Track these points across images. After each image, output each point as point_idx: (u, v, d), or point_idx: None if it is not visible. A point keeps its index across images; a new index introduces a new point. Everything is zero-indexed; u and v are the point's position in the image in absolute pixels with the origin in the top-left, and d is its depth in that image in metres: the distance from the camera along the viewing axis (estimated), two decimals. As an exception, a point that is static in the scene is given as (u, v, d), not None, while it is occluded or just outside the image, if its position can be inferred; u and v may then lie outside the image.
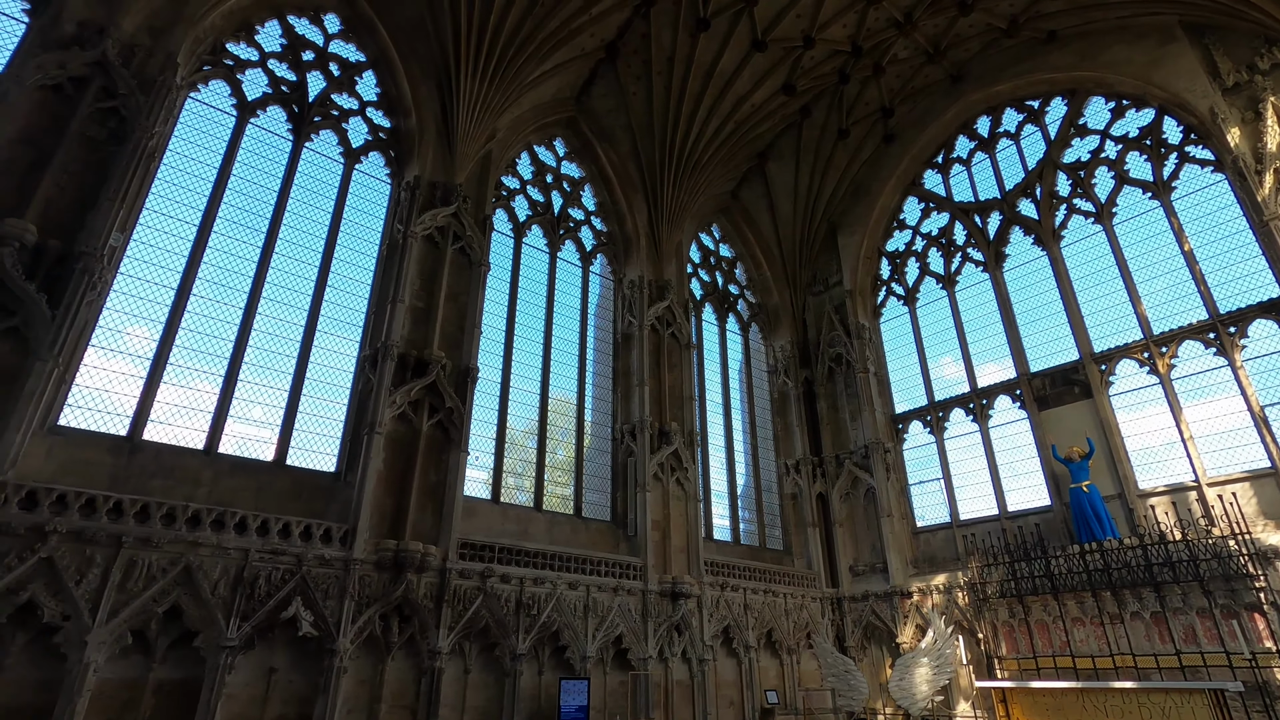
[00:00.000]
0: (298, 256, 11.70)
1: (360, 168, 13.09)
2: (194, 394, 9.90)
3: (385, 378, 10.81)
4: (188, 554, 8.38)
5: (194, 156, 11.06)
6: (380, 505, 10.21)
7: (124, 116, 9.67)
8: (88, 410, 8.96)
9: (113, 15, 10.00)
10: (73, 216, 8.86)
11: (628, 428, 14.45)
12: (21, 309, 8.10)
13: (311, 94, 12.79)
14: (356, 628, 9.24)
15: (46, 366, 8.04)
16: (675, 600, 12.93)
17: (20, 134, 8.84)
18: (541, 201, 15.98)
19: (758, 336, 19.83)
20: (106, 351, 9.33)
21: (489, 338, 13.13)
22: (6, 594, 7.25)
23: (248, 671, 8.51)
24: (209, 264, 10.64)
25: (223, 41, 11.82)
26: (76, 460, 8.47)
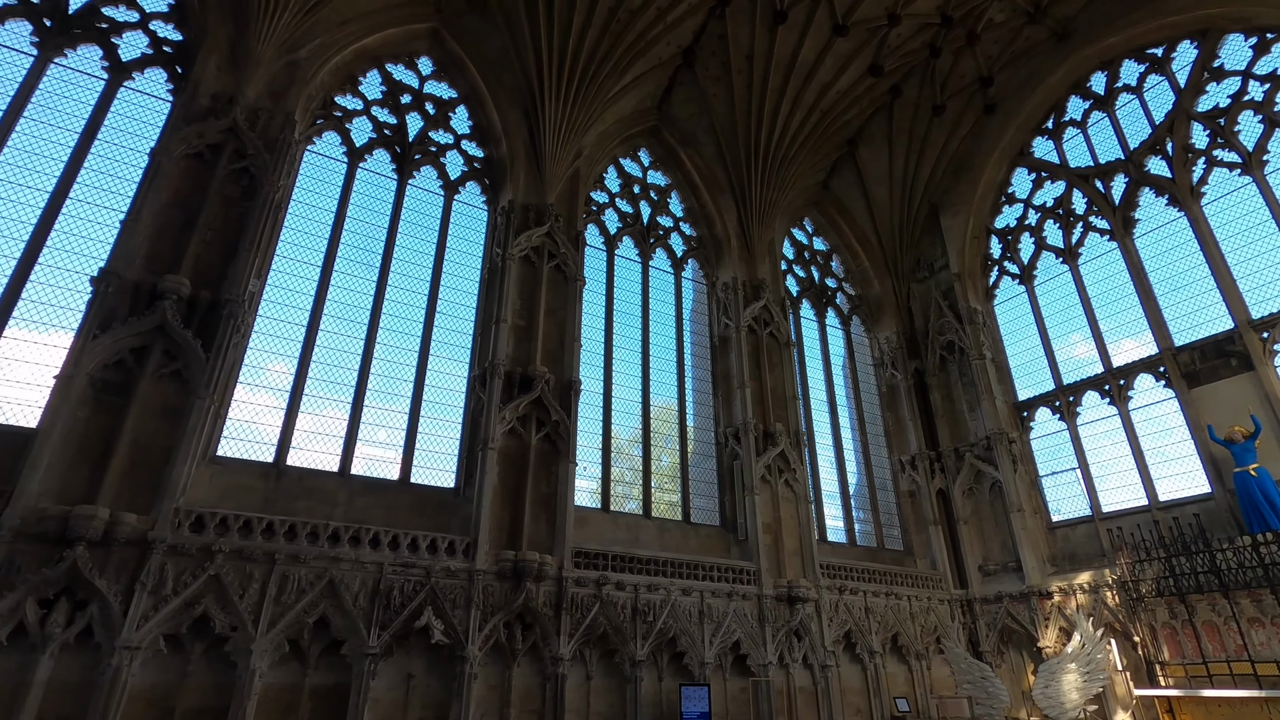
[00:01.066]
0: (408, 286, 12.48)
1: (459, 198, 13.81)
2: (327, 420, 10.78)
3: (494, 395, 11.30)
4: (331, 569, 9.11)
5: (313, 203, 12.08)
6: (497, 518, 10.67)
7: (253, 174, 10.73)
8: (239, 441, 9.95)
9: (240, 85, 11.13)
10: (217, 268, 9.90)
11: (731, 431, 14.33)
12: (182, 354, 9.13)
13: (411, 133, 13.66)
14: (483, 635, 9.68)
15: (204, 404, 9.01)
16: (792, 605, 12.65)
17: (172, 199, 10.00)
18: (630, 212, 16.21)
19: (860, 329, 19.13)
20: (252, 387, 10.34)
21: (588, 350, 13.44)
22: (185, 607, 8.16)
23: (389, 677, 9.11)
24: (332, 300, 11.57)
25: (332, 96, 12.86)
26: (233, 486, 9.42)
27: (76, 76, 10.78)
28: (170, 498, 8.43)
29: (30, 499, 7.72)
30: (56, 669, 7.43)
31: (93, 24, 11.11)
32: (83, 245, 9.72)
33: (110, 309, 8.88)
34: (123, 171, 10.36)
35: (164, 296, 9.12)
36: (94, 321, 8.73)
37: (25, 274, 9.30)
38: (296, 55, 12.06)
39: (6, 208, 9.54)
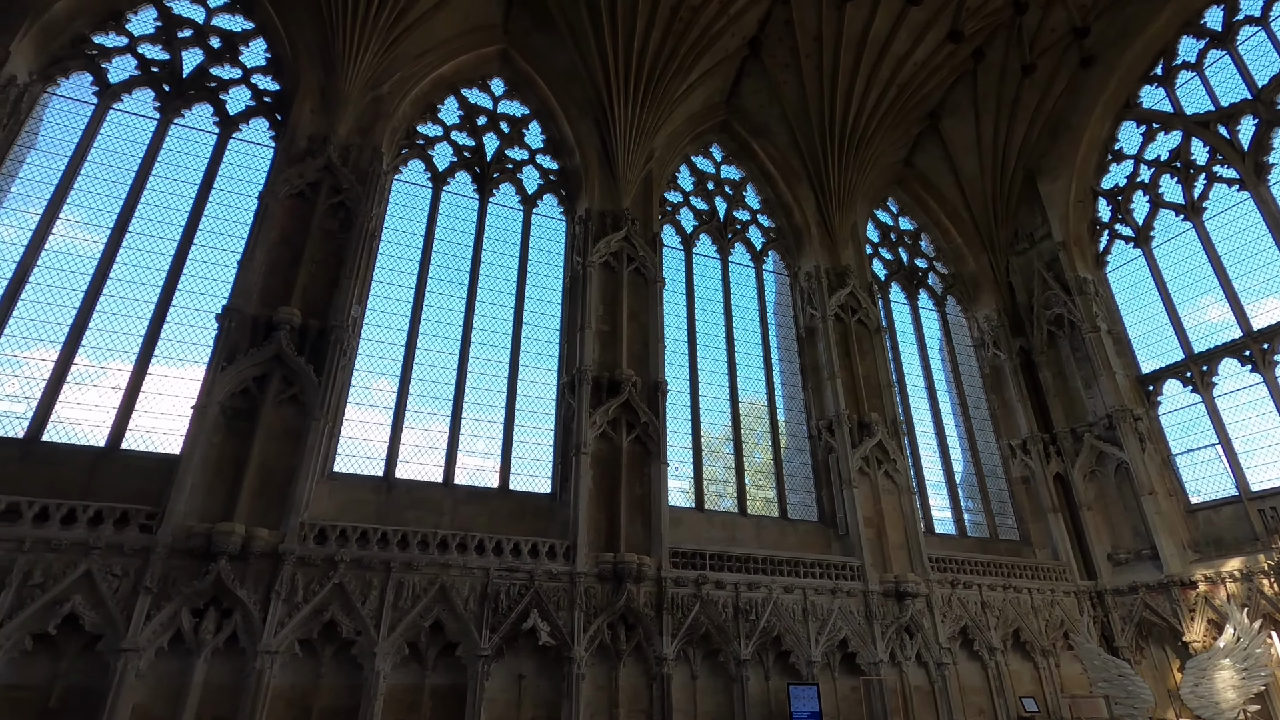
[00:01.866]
0: (495, 300, 12.93)
1: (537, 211, 14.18)
2: (429, 434, 11.32)
3: (583, 401, 11.52)
4: (441, 575, 9.56)
5: (404, 229, 12.75)
6: (594, 521, 10.85)
7: (349, 207, 11.44)
8: (352, 457, 10.62)
9: (332, 125, 11.91)
10: (323, 297, 10.62)
11: (824, 423, 13.96)
12: (297, 379, 9.85)
13: (489, 153, 14.17)
14: (588, 636, 9.87)
15: (319, 424, 9.69)
16: (900, 600, 12.16)
17: (280, 237, 10.81)
18: (705, 209, 16.11)
19: (956, 310, 18.18)
20: (360, 406, 11.02)
21: (673, 350, 13.45)
22: (314, 614, 8.78)
23: (502, 678, 9.46)
24: (427, 319, 12.13)
25: (414, 125, 13.54)
26: (349, 500, 10.07)
27: (192, 133, 11.88)
28: (296, 513, 9.11)
29: (178, 518, 8.55)
30: (210, 672, 8.18)
31: (203, 84, 12.20)
32: (207, 285, 10.71)
33: (234, 342, 9.72)
34: (236, 215, 11.33)
35: (278, 327, 9.89)
36: (221, 354, 9.58)
37: (162, 316, 10.33)
38: (380, 91, 12.78)
39: (144, 258, 10.63)
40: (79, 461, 9.04)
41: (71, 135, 11.01)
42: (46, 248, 10.16)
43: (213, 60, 12.44)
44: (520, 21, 14.63)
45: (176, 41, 12.27)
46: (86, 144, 11.04)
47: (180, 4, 12.52)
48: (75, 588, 7.95)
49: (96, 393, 9.64)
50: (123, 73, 11.71)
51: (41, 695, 7.60)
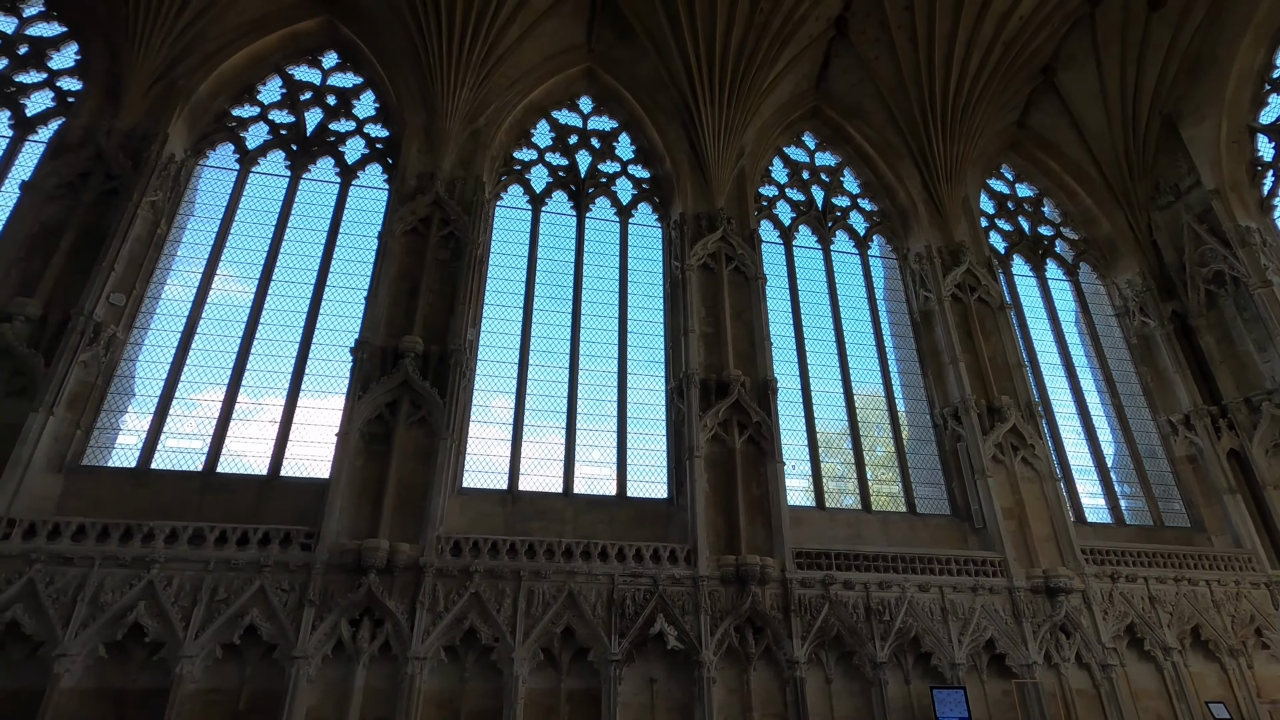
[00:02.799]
0: (599, 312, 13.21)
1: (633, 221, 14.39)
2: (547, 446, 11.72)
3: (693, 404, 11.53)
4: (568, 582, 9.86)
5: (509, 251, 13.32)
6: (713, 524, 10.82)
7: (458, 237, 12.13)
8: (478, 472, 11.20)
9: (437, 162, 12.69)
10: (441, 324, 11.31)
11: (948, 411, 13.17)
12: (424, 402, 10.53)
13: (582, 170, 14.56)
14: (716, 640, 9.84)
15: (447, 443, 10.30)
16: (1052, 597, 11.22)
17: (399, 272, 11.63)
18: (802, 200, 15.71)
19: (1091, 277, 16.62)
20: (482, 423, 11.59)
21: (780, 347, 13.19)
22: (455, 622, 9.32)
23: (633, 682, 9.61)
24: (536, 335, 12.59)
25: (510, 152, 14.16)
26: (478, 513, 10.62)
27: (318, 185, 13.06)
28: (432, 527, 9.73)
29: (332, 537, 9.37)
30: (369, 677, 8.88)
31: (324, 139, 13.37)
32: (340, 322, 11.71)
33: (367, 372, 10.54)
34: (360, 255, 12.33)
35: (404, 355, 10.63)
36: (357, 384, 10.42)
37: (305, 352, 11.39)
38: (477, 124, 13.48)
39: (286, 302, 11.80)
40: (247, 489, 10.13)
41: (220, 200, 12.43)
42: (209, 301, 11.51)
43: (331, 116, 13.63)
44: (602, 38, 14.95)
45: (300, 104, 13.55)
46: (233, 206, 12.42)
47: (300, 70, 13.83)
48: (252, 602, 8.89)
49: (257, 427, 10.79)
50: (258, 138, 13.09)
51: (233, 698, 8.55)
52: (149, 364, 10.95)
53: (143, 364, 10.95)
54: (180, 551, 8.97)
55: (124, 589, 8.64)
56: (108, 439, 10.32)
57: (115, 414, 10.49)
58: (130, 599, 8.58)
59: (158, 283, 11.44)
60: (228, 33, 12.97)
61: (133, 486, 9.83)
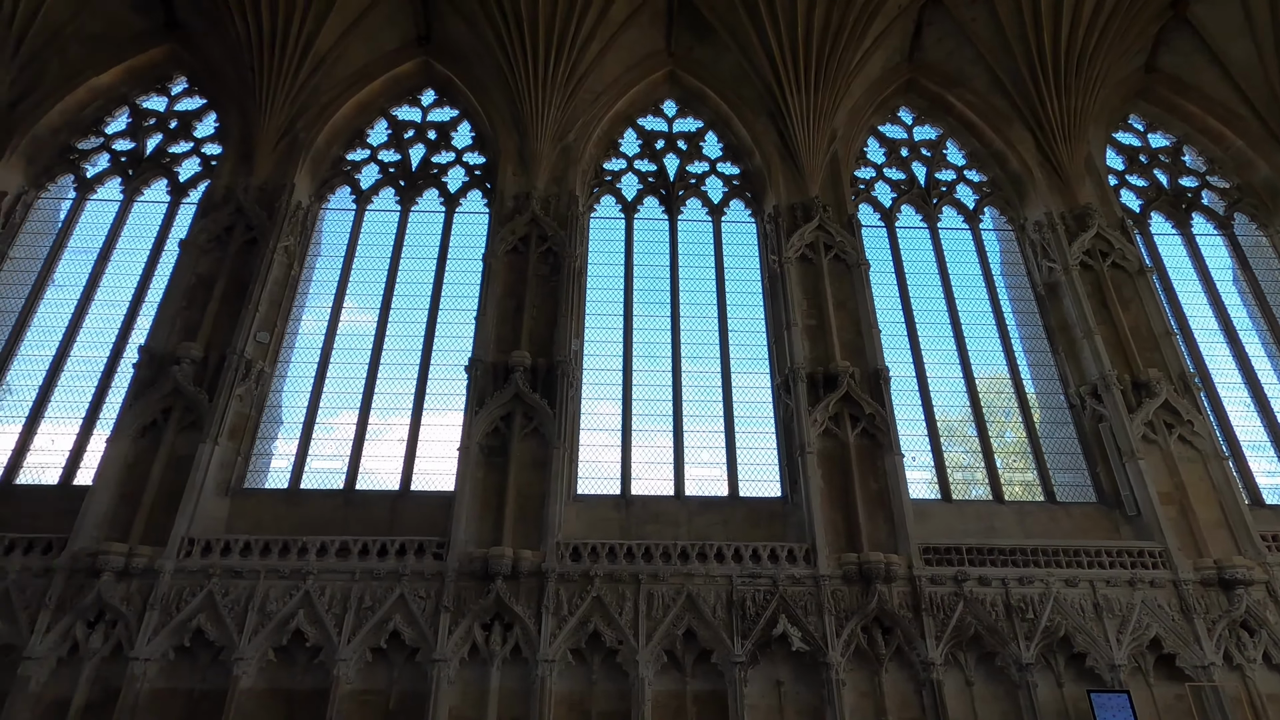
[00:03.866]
0: (698, 313, 13.19)
1: (725, 219, 14.28)
2: (656, 450, 11.82)
3: (800, 400, 11.26)
4: (686, 584, 9.89)
5: (605, 261, 13.59)
6: (831, 521, 10.49)
7: (555, 252, 12.52)
8: (591, 479, 11.46)
9: (531, 182, 13.17)
10: (546, 337, 11.70)
11: (1085, 389, 12.08)
12: (536, 414, 10.93)
13: (671, 174, 14.61)
14: (842, 641, 9.52)
15: (559, 452, 10.64)
16: (1228, 590, 10.00)
17: (505, 290, 12.15)
18: (902, 178, 14.97)
19: (1249, 228, 14.70)
20: (592, 430, 11.86)
21: (889, 333, 12.63)
22: (579, 625, 9.56)
23: (760, 684, 9.48)
24: (638, 341, 12.76)
25: (600, 164, 14.45)
26: (594, 519, 10.86)
27: (425, 216, 13.93)
28: (551, 534, 10.06)
29: (460, 546, 9.90)
30: (502, 678, 9.30)
31: (427, 172, 14.23)
32: (453, 342, 12.37)
33: (481, 388, 11.08)
34: (467, 278, 12.97)
35: (514, 370, 11.09)
36: (473, 400, 10.98)
37: (425, 373, 12.13)
38: (567, 140, 13.87)
39: (404, 327, 12.66)
40: (382, 503, 10.92)
41: (341, 238, 13.54)
42: (339, 332, 12.53)
43: (432, 150, 14.49)
44: (682, 41, 14.95)
45: (404, 142, 14.50)
46: (353, 243, 13.47)
47: (402, 110, 14.80)
48: (394, 609, 9.55)
49: (387, 445, 11.60)
50: (370, 179, 14.14)
51: (384, 698, 9.22)
52: (292, 393, 12.10)
53: (287, 394, 12.09)
54: (329, 563, 9.80)
55: (285, 598, 9.54)
56: (263, 464, 11.46)
57: (268, 440, 11.63)
58: (291, 607, 9.46)
59: (295, 319, 12.59)
60: (337, 85, 14.09)
61: (286, 506, 10.85)
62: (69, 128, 13.83)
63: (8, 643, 9.10)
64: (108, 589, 9.33)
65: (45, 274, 12.75)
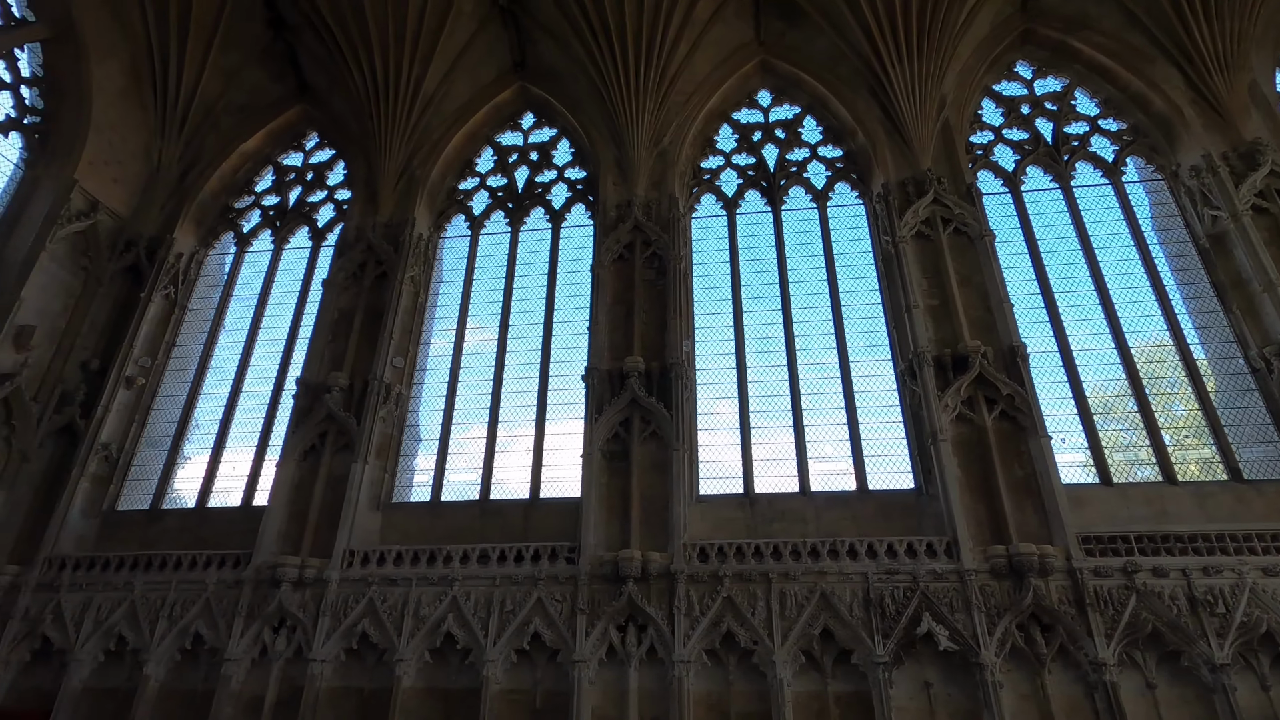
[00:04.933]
0: (809, 304, 12.80)
1: (831, 203, 13.79)
2: (776, 446, 11.59)
3: (927, 385, 10.65)
4: (819, 582, 9.61)
5: (710, 259, 13.51)
6: (971, 512, 9.84)
7: (660, 255, 12.62)
8: (713, 479, 11.42)
9: (632, 190, 13.37)
10: (657, 340, 11.82)
11: (1270, 350, 10.55)
12: (653, 417, 11.06)
13: (770, 164, 14.31)
14: (995, 640, 8.88)
15: (679, 454, 10.69)
16: None
17: (614, 298, 12.41)
18: (1026, 138, 13.80)
19: None
20: (710, 430, 11.83)
21: (1023, 307, 11.68)
22: (712, 626, 9.55)
23: (907, 685, 9.03)
24: (749, 337, 12.56)
25: (697, 164, 14.42)
26: (719, 519, 10.82)
27: (534, 234, 14.47)
28: (677, 535, 10.12)
29: (590, 550, 10.19)
30: (641, 679, 9.46)
31: (533, 192, 14.81)
32: (568, 353, 12.76)
33: (599, 395, 11.36)
34: (577, 290, 13.35)
35: (629, 375, 11.28)
36: (592, 407, 11.28)
37: (545, 384, 12.60)
38: (662, 145, 13.96)
39: (522, 342, 13.21)
40: (515, 511, 11.46)
41: (460, 264, 14.36)
42: (464, 351, 13.32)
43: (535, 170, 15.07)
44: (771, 29, 14.64)
45: (509, 166, 15.20)
46: (470, 266, 14.27)
47: (505, 136, 15.52)
48: (534, 612, 9.98)
49: (515, 456, 12.16)
50: (480, 205, 14.92)
51: (530, 698, 9.66)
52: (427, 412, 12.96)
53: (423, 413, 12.98)
54: (471, 570, 10.40)
55: (435, 603, 10.23)
56: (407, 479, 12.36)
57: (410, 457, 12.54)
58: (441, 612, 10.13)
59: (424, 343, 13.51)
60: (445, 121, 15.01)
61: (430, 517, 11.65)
62: (226, 190, 15.65)
63: (212, 646, 10.39)
64: (287, 597, 10.42)
65: (217, 321, 14.50)
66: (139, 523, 12.35)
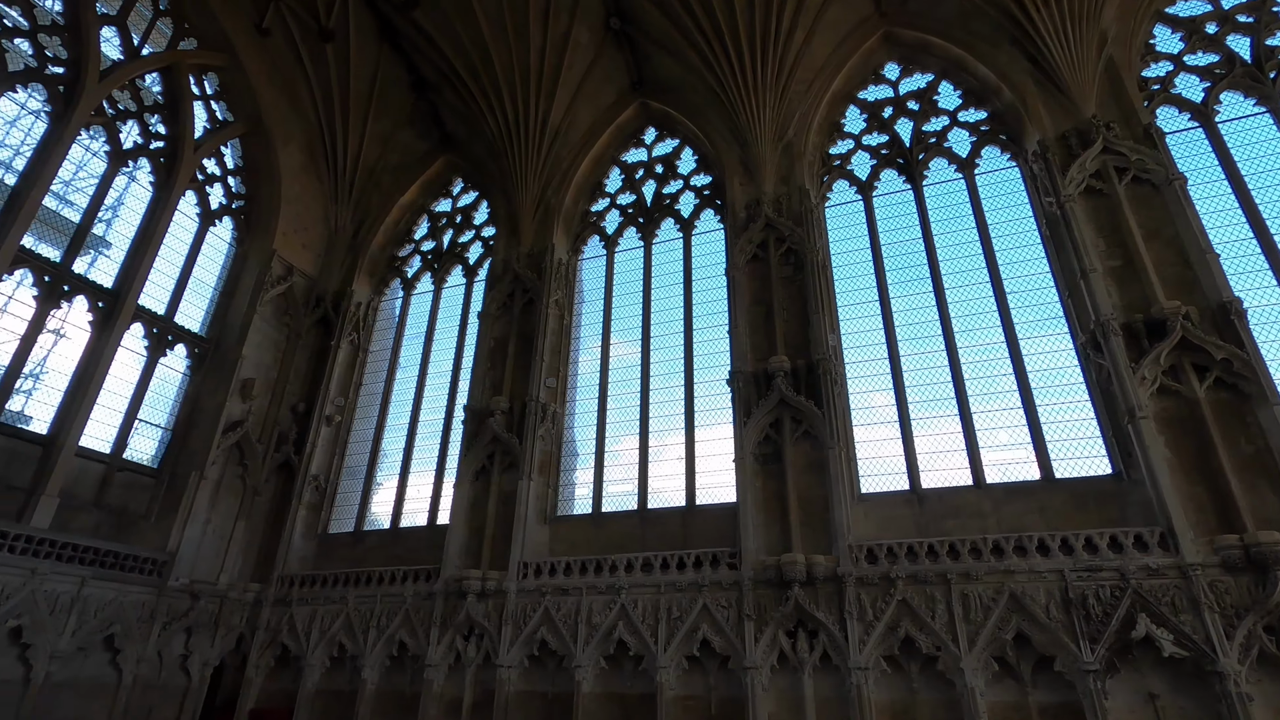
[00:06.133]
0: (963, 281, 11.84)
1: (979, 170, 12.72)
2: (942, 438, 10.80)
3: (1117, 356, 9.45)
4: (1006, 582, 8.80)
5: (849, 248, 12.92)
6: (1190, 497, 8.55)
7: (795, 250, 12.32)
8: (874, 476, 10.86)
9: (759, 188, 13.18)
10: (799, 336, 11.52)
11: None
12: (804, 416, 10.76)
13: (906, 139, 13.47)
14: (1237, 645, 7.63)
15: (835, 452, 10.30)
16: None
17: (752, 299, 12.26)
18: (1215, 61, 11.86)
19: None
20: (866, 425, 11.28)
21: (1232, 256, 10.05)
22: (888, 631, 9.06)
23: (1125, 696, 8.01)
24: (900, 323, 11.85)
25: (825, 151, 13.91)
26: (884, 518, 10.27)
27: (664, 246, 14.69)
28: (841, 537, 9.73)
29: (751, 555, 10.08)
30: (816, 686, 9.18)
31: (661, 204, 15.06)
32: (710, 359, 12.77)
33: (745, 399, 11.25)
34: (713, 295, 13.36)
35: (774, 376, 11.07)
36: (740, 411, 11.19)
37: (691, 392, 12.68)
38: (787, 138, 13.64)
39: (663, 352, 13.39)
40: (672, 519, 11.61)
41: (598, 283, 14.89)
42: (610, 366, 13.75)
43: (661, 182, 15.32)
44: (891, -3, 13.87)
45: (635, 182, 15.58)
46: (609, 284, 14.74)
47: (629, 153, 15.94)
48: (700, 618, 10.03)
49: (668, 465, 12.32)
50: (613, 224, 15.41)
51: (704, 704, 9.70)
52: (581, 427, 13.52)
53: (578, 429, 13.55)
54: (636, 578, 10.66)
55: (605, 611, 10.59)
56: (568, 492, 12.95)
57: (569, 472, 13.14)
58: (611, 620, 10.47)
59: (572, 361, 14.13)
60: (572, 148, 15.70)
61: (593, 528, 12.11)
62: (390, 241, 17.42)
63: (414, 653, 11.48)
64: (473, 608, 11.28)
65: (393, 359, 16.13)
66: (346, 543, 13.97)
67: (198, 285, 14.79)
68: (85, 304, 12.41)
